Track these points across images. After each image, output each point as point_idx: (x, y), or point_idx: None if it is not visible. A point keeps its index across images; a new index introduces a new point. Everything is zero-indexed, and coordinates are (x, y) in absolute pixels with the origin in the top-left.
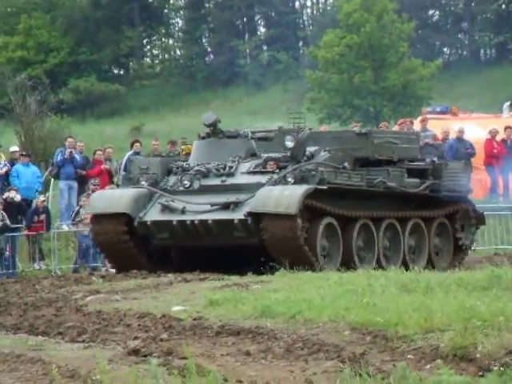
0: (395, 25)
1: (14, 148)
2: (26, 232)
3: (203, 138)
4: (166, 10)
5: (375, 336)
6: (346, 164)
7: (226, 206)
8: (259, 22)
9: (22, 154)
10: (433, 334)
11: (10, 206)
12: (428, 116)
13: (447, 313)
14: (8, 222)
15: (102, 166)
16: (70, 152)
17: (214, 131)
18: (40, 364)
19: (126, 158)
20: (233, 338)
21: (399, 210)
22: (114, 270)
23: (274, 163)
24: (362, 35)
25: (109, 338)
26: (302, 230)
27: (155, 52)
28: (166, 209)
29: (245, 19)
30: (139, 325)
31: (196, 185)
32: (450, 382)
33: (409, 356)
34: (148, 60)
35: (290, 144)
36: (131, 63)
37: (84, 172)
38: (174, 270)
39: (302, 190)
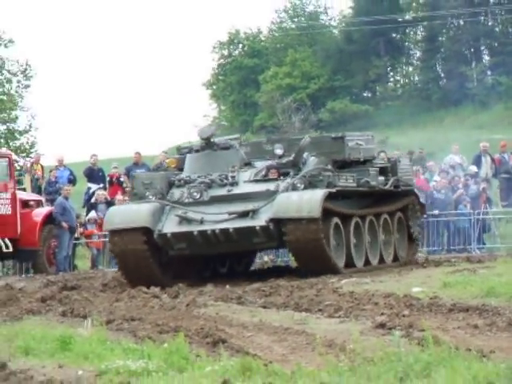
0: None
1: None
2: None
3: (197, 150)
4: (406, 43)
5: None
6: (329, 167)
7: (244, 214)
8: (484, 51)
9: None
10: None
11: None
12: None
13: None
14: None
15: None
16: None
17: (208, 144)
18: (304, 335)
19: None
20: (463, 314)
21: (375, 206)
22: None
23: (275, 171)
24: None
25: (360, 314)
26: (322, 232)
27: (397, 78)
28: (183, 220)
29: (472, 49)
30: (385, 303)
31: (206, 196)
32: None
33: None
34: (392, 84)
35: (279, 152)
36: (378, 87)
37: None
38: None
39: (321, 193)
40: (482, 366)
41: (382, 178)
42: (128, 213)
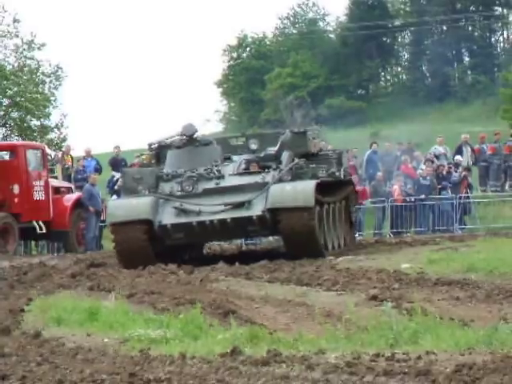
0: None
1: None
2: None
3: (178, 147)
4: (395, 46)
5: None
6: (295, 159)
7: (239, 205)
8: (465, 53)
9: None
10: None
11: None
12: None
13: None
14: None
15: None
16: None
17: (189, 140)
18: (305, 307)
19: (365, 156)
20: (446, 287)
21: (332, 195)
22: None
23: (255, 164)
24: None
25: (355, 288)
26: (314, 219)
27: (388, 77)
28: (180, 212)
29: (454, 51)
30: (377, 278)
31: (197, 189)
32: None
33: None
34: (382, 83)
35: (254, 146)
36: (370, 86)
37: None
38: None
39: (313, 184)
40: (464, 333)
41: (334, 169)
42: (129, 206)
